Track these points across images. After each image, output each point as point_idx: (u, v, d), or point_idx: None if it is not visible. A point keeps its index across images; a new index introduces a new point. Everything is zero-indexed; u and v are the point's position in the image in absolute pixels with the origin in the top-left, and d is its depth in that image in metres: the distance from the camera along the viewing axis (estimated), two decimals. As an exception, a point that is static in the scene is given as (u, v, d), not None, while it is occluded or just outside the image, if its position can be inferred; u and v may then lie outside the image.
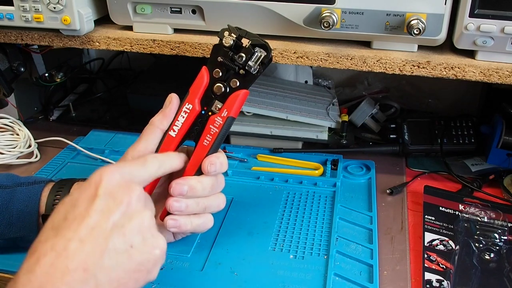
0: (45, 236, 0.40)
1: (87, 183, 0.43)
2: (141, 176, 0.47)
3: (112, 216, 0.41)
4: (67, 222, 0.40)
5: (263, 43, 0.52)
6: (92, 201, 0.41)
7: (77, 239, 0.39)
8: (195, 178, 0.52)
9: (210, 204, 0.54)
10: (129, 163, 0.47)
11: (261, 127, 0.83)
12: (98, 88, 1.10)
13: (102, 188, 0.42)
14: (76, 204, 0.41)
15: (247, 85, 0.53)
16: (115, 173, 0.43)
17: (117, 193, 0.42)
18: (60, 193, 0.56)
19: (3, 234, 0.55)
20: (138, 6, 0.70)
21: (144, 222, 0.42)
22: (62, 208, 0.42)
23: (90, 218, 0.40)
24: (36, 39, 0.74)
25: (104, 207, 0.41)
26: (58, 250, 0.38)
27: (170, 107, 0.54)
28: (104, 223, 0.40)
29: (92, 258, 0.38)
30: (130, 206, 0.42)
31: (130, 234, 0.41)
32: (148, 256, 0.42)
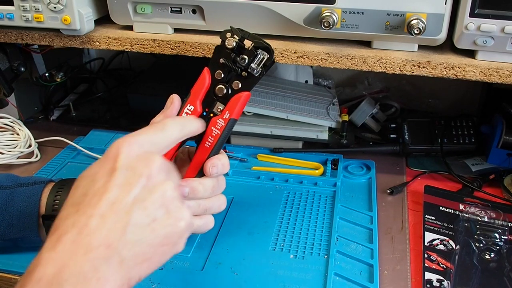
0: (66, 213, 0.39)
1: (105, 156, 0.42)
2: (161, 142, 0.45)
3: (132, 190, 0.40)
4: (87, 197, 0.39)
5: (265, 45, 0.52)
6: (111, 175, 0.40)
7: (98, 215, 0.38)
8: (197, 180, 0.52)
9: (211, 206, 0.54)
10: (147, 130, 0.45)
11: (261, 127, 0.83)
12: (98, 88, 1.10)
13: (120, 161, 0.40)
14: (95, 179, 0.40)
15: (249, 87, 0.53)
16: (133, 144, 0.42)
17: (136, 165, 0.41)
18: (60, 193, 0.56)
19: (3, 235, 0.55)
20: (138, 5, 0.70)
21: (166, 194, 0.41)
22: (81, 183, 0.41)
23: (110, 193, 0.39)
24: (36, 39, 0.74)
25: (123, 181, 0.40)
26: (80, 226, 0.37)
27: (171, 108, 0.53)
28: (124, 197, 0.39)
29: (114, 233, 0.38)
30: (151, 179, 0.41)
31: (152, 208, 0.40)
32: (173, 229, 0.41)
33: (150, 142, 0.44)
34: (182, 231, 0.42)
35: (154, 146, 0.44)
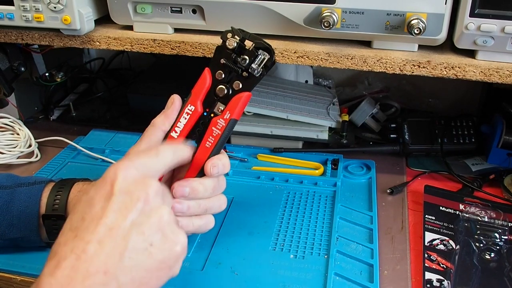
0: (65, 238, 0.39)
1: (102, 181, 0.42)
2: (156, 166, 0.46)
3: (129, 215, 0.40)
4: (85, 222, 0.39)
5: (266, 46, 0.52)
6: (109, 200, 0.40)
7: (95, 241, 0.38)
8: (197, 180, 0.52)
9: (212, 206, 0.54)
10: (143, 155, 0.46)
11: (261, 127, 0.83)
12: (99, 88, 1.10)
13: (117, 185, 0.41)
14: (92, 203, 0.40)
15: (250, 88, 0.53)
16: (130, 168, 0.42)
17: (133, 190, 0.41)
18: (60, 193, 0.56)
19: (4, 235, 0.55)
20: (138, 5, 0.70)
21: (163, 218, 0.42)
22: (79, 207, 0.41)
23: (107, 218, 0.39)
24: (36, 39, 0.74)
25: (121, 206, 0.40)
26: (78, 253, 0.38)
27: (172, 108, 0.53)
28: (122, 222, 0.39)
29: (112, 260, 0.38)
30: (148, 203, 0.41)
31: (149, 232, 0.40)
32: (169, 253, 0.41)
33: (145, 166, 0.44)
34: (178, 255, 0.43)
35: (149, 170, 0.45)
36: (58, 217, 0.54)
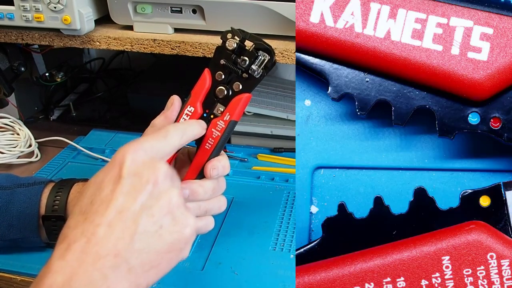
0: (75, 221, 0.39)
1: (111, 163, 0.42)
2: (164, 149, 0.45)
3: (139, 197, 0.40)
4: (94, 206, 0.39)
5: (267, 46, 0.52)
6: (117, 183, 0.40)
7: (105, 224, 0.38)
8: (197, 182, 0.52)
9: (211, 207, 0.53)
10: (151, 137, 0.46)
11: (261, 127, 0.83)
12: (99, 88, 1.10)
13: (126, 168, 0.40)
14: (102, 186, 0.40)
15: (250, 89, 0.53)
16: (138, 151, 0.42)
17: (142, 172, 0.41)
18: (60, 194, 0.55)
19: (4, 235, 0.55)
20: (138, 5, 0.70)
21: (172, 201, 0.42)
22: (88, 190, 0.41)
23: (117, 201, 0.39)
24: (36, 39, 0.74)
25: (130, 189, 0.40)
26: (88, 235, 0.37)
27: (171, 109, 0.53)
28: (131, 205, 0.39)
29: (122, 242, 0.38)
30: (157, 186, 0.41)
31: (159, 215, 0.40)
32: (179, 235, 0.41)
33: (154, 149, 0.44)
34: (188, 237, 0.42)
35: (158, 152, 0.44)
36: (57, 218, 0.54)
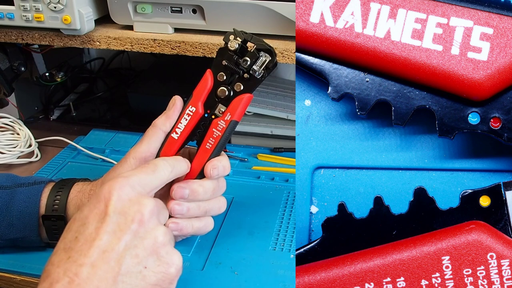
0: (58, 259, 0.39)
1: (96, 199, 0.41)
2: (152, 183, 0.45)
3: (123, 237, 0.39)
4: (78, 243, 0.39)
5: (268, 47, 0.52)
6: (102, 221, 0.40)
7: (88, 264, 0.38)
8: (197, 182, 0.52)
9: (211, 208, 0.53)
10: (139, 171, 0.45)
11: (261, 127, 0.83)
12: (99, 88, 1.10)
13: (112, 205, 0.40)
14: (86, 223, 0.40)
15: (251, 89, 0.53)
16: (125, 187, 0.42)
17: (128, 210, 0.41)
18: (60, 193, 0.55)
19: (4, 235, 0.55)
20: (138, 5, 0.70)
21: (157, 240, 0.41)
22: (73, 226, 0.41)
23: (101, 240, 0.39)
24: (36, 39, 0.74)
25: (115, 227, 0.39)
26: (71, 276, 0.37)
27: (173, 109, 0.53)
28: (115, 245, 0.39)
29: (105, 283, 0.37)
30: (143, 224, 0.41)
31: (143, 255, 0.40)
32: (164, 275, 0.41)
33: (141, 184, 0.44)
34: (173, 276, 0.42)
35: (146, 187, 0.44)
36: (58, 217, 0.54)
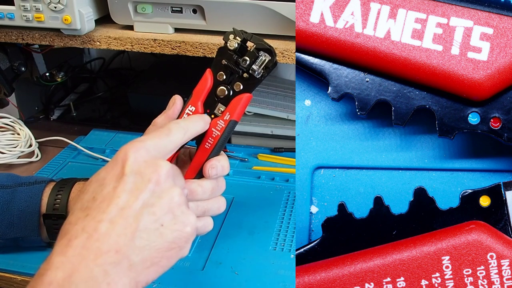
0: (75, 217, 0.39)
1: (113, 161, 0.42)
2: (167, 147, 0.46)
3: (141, 195, 0.40)
4: (96, 202, 0.39)
5: (267, 47, 0.52)
6: (120, 180, 0.40)
7: (107, 220, 0.38)
8: (196, 182, 0.52)
9: (210, 207, 0.53)
10: (153, 135, 0.46)
11: (262, 127, 0.83)
12: (99, 88, 1.10)
13: (128, 166, 0.41)
14: (104, 183, 0.41)
15: (251, 89, 0.53)
16: (140, 150, 0.42)
17: (144, 170, 0.41)
18: (61, 193, 0.56)
19: (5, 234, 0.55)
20: (138, 5, 0.70)
21: (173, 200, 0.42)
22: (90, 187, 0.41)
23: (119, 198, 0.39)
24: (37, 39, 0.74)
25: (132, 186, 0.40)
26: (89, 231, 0.38)
27: (173, 108, 0.53)
28: (133, 202, 0.39)
29: (123, 239, 0.38)
30: (159, 184, 0.41)
31: (160, 213, 0.40)
32: (180, 233, 0.42)
33: (156, 147, 0.44)
34: (189, 235, 0.43)
35: (160, 150, 0.45)
36: (58, 216, 0.54)
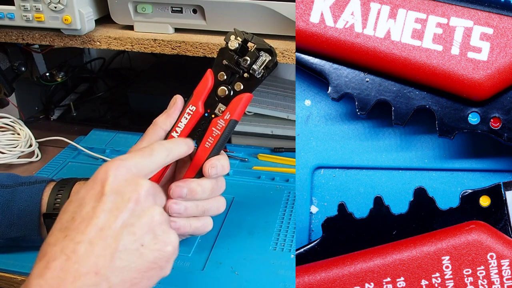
0: (54, 238, 0.39)
1: (93, 180, 0.42)
2: (148, 167, 0.45)
3: (120, 215, 0.40)
4: (75, 223, 0.39)
5: (268, 47, 0.52)
6: (99, 200, 0.40)
7: (86, 241, 0.38)
8: (195, 181, 0.52)
9: (210, 207, 0.53)
10: (135, 154, 0.46)
11: (262, 127, 0.83)
12: (99, 88, 1.10)
13: (108, 185, 0.40)
14: (83, 203, 0.40)
15: (251, 89, 0.53)
16: (121, 168, 0.42)
17: (124, 190, 0.41)
18: (61, 192, 0.56)
19: (5, 234, 0.55)
20: (139, 5, 0.70)
21: (154, 219, 0.41)
22: (69, 207, 0.41)
23: (98, 219, 0.39)
24: (37, 39, 0.74)
25: (112, 206, 0.40)
26: (68, 253, 0.37)
27: (174, 108, 0.53)
28: (112, 223, 0.39)
29: (102, 260, 0.38)
30: (139, 203, 0.41)
31: (140, 232, 0.40)
32: (160, 253, 0.41)
33: (138, 167, 0.44)
34: (170, 255, 0.42)
35: (142, 170, 0.44)
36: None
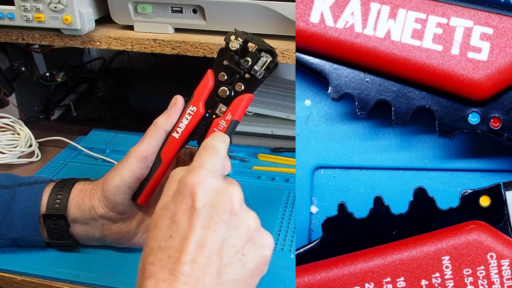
0: (158, 258, 0.38)
1: (181, 194, 0.40)
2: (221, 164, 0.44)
3: (218, 229, 0.38)
4: (175, 241, 0.38)
5: (269, 48, 0.52)
6: (193, 216, 0.38)
7: (190, 261, 0.37)
8: None
9: None
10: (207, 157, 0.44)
11: (262, 127, 0.83)
12: (99, 88, 1.10)
13: (199, 199, 0.39)
14: (177, 221, 0.39)
15: (252, 89, 0.53)
16: (207, 178, 0.40)
17: (217, 201, 0.39)
18: (61, 193, 0.56)
19: (5, 234, 0.55)
20: (139, 5, 0.70)
21: (250, 227, 0.41)
22: (160, 223, 0.39)
23: (197, 236, 0.38)
24: (37, 39, 0.74)
25: (208, 221, 0.38)
26: (176, 274, 0.36)
27: (174, 108, 0.53)
28: (212, 238, 0.38)
29: (210, 278, 0.37)
30: (234, 214, 0.40)
31: (240, 244, 0.39)
32: (260, 259, 0.41)
33: (216, 169, 0.43)
34: (268, 257, 0.42)
35: (220, 171, 0.43)
36: (58, 216, 0.55)
